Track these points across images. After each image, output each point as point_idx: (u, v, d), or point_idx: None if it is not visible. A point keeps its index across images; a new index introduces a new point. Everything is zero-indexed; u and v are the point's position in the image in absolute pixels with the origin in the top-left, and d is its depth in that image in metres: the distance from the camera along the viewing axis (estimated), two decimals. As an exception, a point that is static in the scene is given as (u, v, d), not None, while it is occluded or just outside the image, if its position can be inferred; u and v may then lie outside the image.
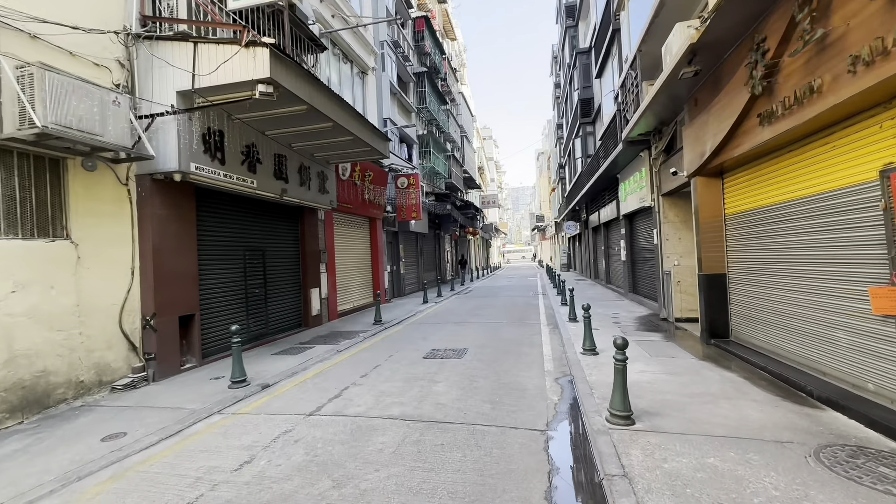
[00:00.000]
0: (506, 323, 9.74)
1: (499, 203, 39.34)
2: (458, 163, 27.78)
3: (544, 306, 12.52)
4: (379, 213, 14.21)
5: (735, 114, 5.21)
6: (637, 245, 12.29)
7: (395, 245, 16.97)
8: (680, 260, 9.02)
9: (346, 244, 12.56)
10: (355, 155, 9.63)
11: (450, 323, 10.06)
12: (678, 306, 8.67)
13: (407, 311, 12.17)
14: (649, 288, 11.20)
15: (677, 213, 9.11)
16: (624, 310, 10.72)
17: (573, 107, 20.21)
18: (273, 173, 7.91)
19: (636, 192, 10.96)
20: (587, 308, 6.46)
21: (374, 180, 13.37)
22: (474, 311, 11.95)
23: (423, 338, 8.30)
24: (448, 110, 25.99)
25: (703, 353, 6.20)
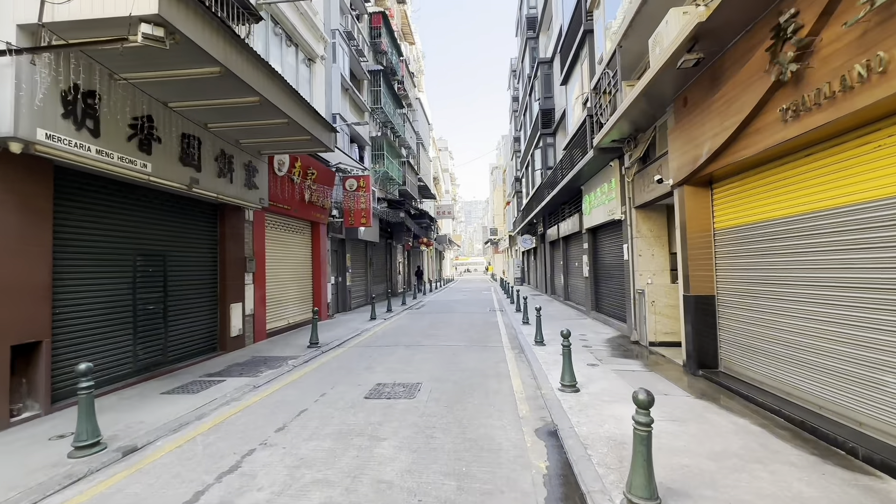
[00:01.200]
0: (465, 346, 8.51)
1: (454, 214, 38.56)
2: (414, 170, 26.59)
3: (504, 325, 11.47)
4: (323, 216, 12.58)
5: (746, 108, 4.42)
6: (601, 261, 11.65)
7: (342, 254, 15.32)
8: (653, 278, 8.32)
9: (282, 251, 10.82)
10: (293, 145, 8.09)
11: (400, 346, 8.66)
12: (653, 329, 7.92)
13: (351, 330, 10.60)
14: (615, 307, 10.52)
15: (651, 227, 8.45)
16: (590, 330, 9.91)
17: (533, 118, 19.81)
18: (179, 157, 6.21)
19: (603, 204, 10.30)
20: (567, 335, 5.39)
21: (319, 179, 11.78)
22: (428, 331, 10.63)
23: (368, 367, 6.84)
24: (404, 115, 24.82)
25: (695, 389, 5.32)
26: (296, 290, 11.56)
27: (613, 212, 9.56)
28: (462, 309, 15.85)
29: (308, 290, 12.43)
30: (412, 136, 27.00)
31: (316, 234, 12.69)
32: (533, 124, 19.33)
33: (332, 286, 14.48)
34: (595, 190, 10.95)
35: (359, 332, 10.41)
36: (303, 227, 12.06)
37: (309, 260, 12.59)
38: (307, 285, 12.36)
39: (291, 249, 11.38)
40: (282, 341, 9.19)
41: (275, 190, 9.57)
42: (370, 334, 10.34)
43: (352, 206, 13.37)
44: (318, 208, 12.16)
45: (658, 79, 5.66)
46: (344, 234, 15.11)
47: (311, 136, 7.27)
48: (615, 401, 4.83)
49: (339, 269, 15.25)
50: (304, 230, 12.22)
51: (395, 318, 13.46)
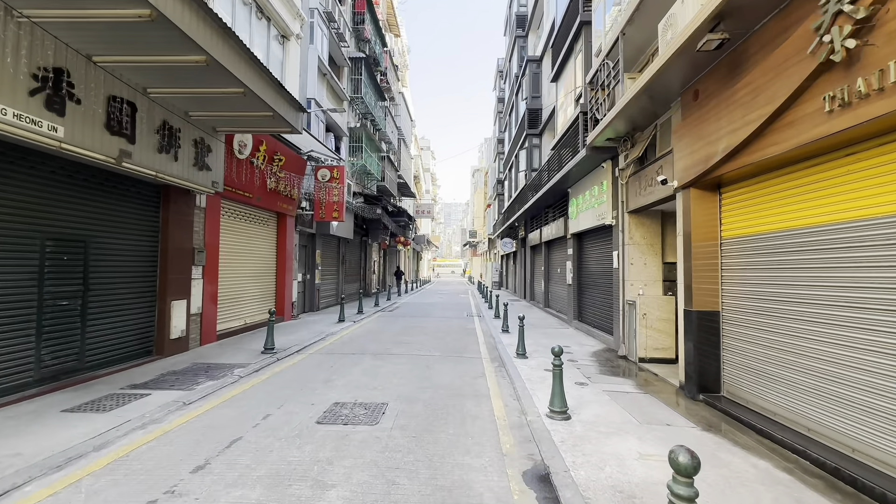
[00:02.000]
0: (439, 356, 7.69)
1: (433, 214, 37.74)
2: (394, 166, 25.65)
3: (482, 332, 10.73)
4: (290, 208, 11.53)
5: (778, 98, 3.80)
6: (586, 268, 11.08)
7: (311, 249, 14.25)
8: (644, 289, 7.74)
9: (241, 243, 9.74)
10: (253, 122, 7.10)
11: (367, 354, 7.76)
12: (643, 343, 7.32)
13: (315, 334, 9.62)
14: (600, 317, 9.93)
15: (644, 234, 7.87)
16: (573, 341, 9.27)
17: (519, 118, 19.23)
18: (105, 124, 5.16)
19: (592, 208, 9.71)
20: (558, 352, 4.65)
21: (287, 167, 10.75)
22: (400, 337, 9.76)
23: (327, 380, 5.92)
24: (386, 108, 23.86)
25: (698, 417, 4.68)
26: (256, 287, 10.48)
27: (604, 216, 8.96)
28: (438, 313, 15.03)
29: (271, 288, 11.36)
30: (393, 131, 26.06)
31: (282, 227, 11.63)
32: (519, 124, 18.75)
33: (299, 284, 13.42)
34: (584, 193, 10.36)
35: (323, 337, 9.44)
36: (267, 218, 10.98)
37: (273, 254, 11.52)
38: (270, 282, 11.28)
39: (253, 242, 10.30)
40: (234, 345, 8.13)
41: (233, 174, 8.51)
42: (335, 339, 9.38)
43: (323, 199, 12.36)
44: (285, 198, 11.12)
45: (668, 66, 5.02)
46: (314, 229, 14.06)
47: (274, 112, 6.33)
48: (613, 432, 4.12)
49: (308, 265, 14.19)
50: (269, 222, 11.15)
51: (365, 321, 12.52)
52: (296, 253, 12.62)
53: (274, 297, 11.58)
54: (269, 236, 11.25)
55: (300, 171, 11.60)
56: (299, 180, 11.49)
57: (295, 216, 12.18)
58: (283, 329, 10.20)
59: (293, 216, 12.01)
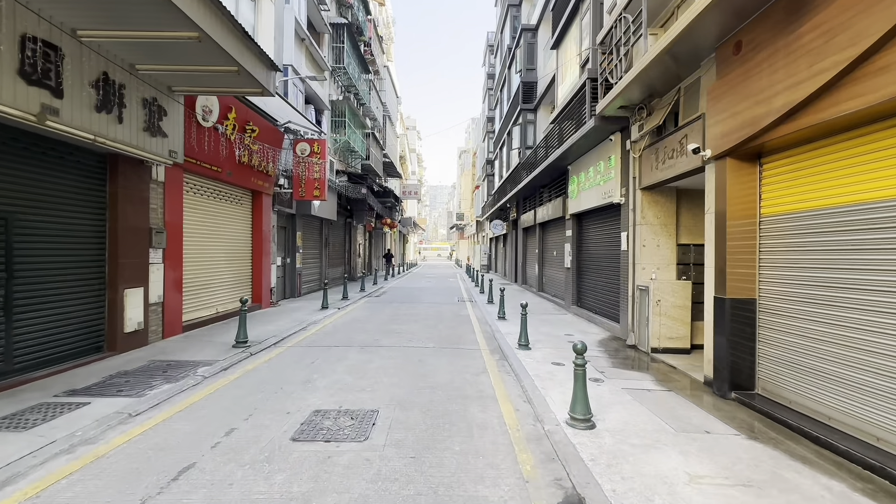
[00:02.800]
0: (434, 348, 6.96)
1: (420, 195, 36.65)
2: (379, 145, 24.44)
3: (477, 319, 10.04)
4: (266, 185, 10.50)
5: (865, 38, 3.05)
6: (587, 251, 10.42)
7: (291, 231, 13.25)
8: (657, 273, 7.11)
9: (210, 223, 8.73)
10: (216, 79, 6.06)
11: (354, 347, 6.98)
12: (656, 332, 6.71)
13: (295, 323, 8.77)
14: (603, 303, 9.33)
15: (658, 213, 7.19)
16: (575, 329, 8.66)
17: (512, 93, 18.26)
18: (18, 70, 4.12)
19: (597, 186, 8.98)
20: (581, 350, 3.92)
21: (262, 138, 9.67)
22: (389, 325, 9.00)
23: (307, 380, 5.13)
24: (370, 81, 22.52)
25: (737, 420, 4.07)
26: (229, 273, 9.52)
27: (611, 194, 8.25)
28: (428, 298, 14.29)
29: (246, 273, 10.40)
30: (378, 107, 24.75)
31: (257, 206, 10.61)
32: (512, 99, 17.79)
33: (279, 268, 12.47)
34: (587, 170, 9.60)
35: (304, 326, 8.60)
36: (240, 196, 9.94)
37: (248, 236, 10.52)
38: (245, 267, 10.32)
39: (224, 222, 9.28)
40: (202, 338, 7.24)
41: (197, 144, 7.46)
42: (318, 329, 8.56)
43: (303, 175, 11.33)
44: (260, 174, 10.07)
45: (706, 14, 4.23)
46: (294, 209, 13.03)
47: (240, 67, 5.32)
48: (649, 445, 3.46)
49: (288, 248, 13.21)
50: (243, 200, 10.11)
51: (350, 308, 11.70)
52: (274, 235, 11.63)
53: (250, 282, 10.64)
54: (244, 216, 10.23)
55: (276, 143, 10.52)
56: (275, 154, 10.43)
57: (272, 194, 11.15)
58: (260, 318, 9.31)
59: (270, 194, 10.98)
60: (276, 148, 10.47)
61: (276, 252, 12.11)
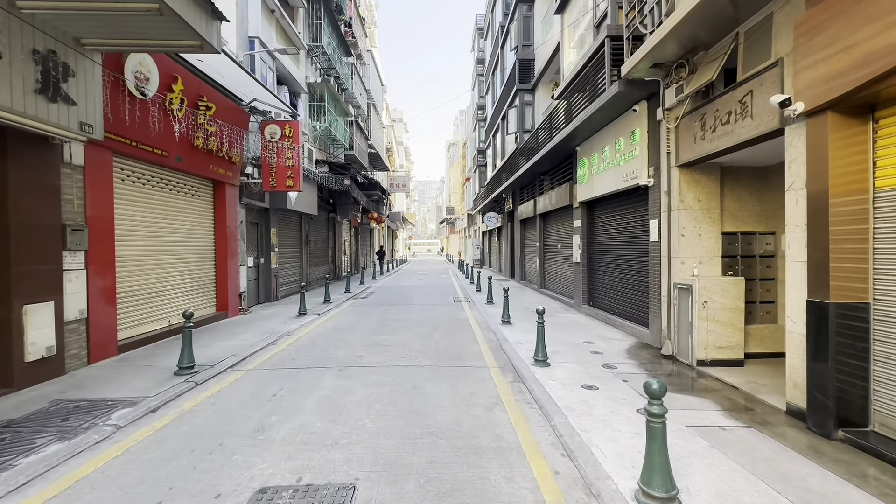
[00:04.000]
0: (430, 368, 5.63)
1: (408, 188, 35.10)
2: (364, 134, 22.89)
3: (477, 324, 8.73)
4: (231, 174, 9.00)
5: None
6: (601, 243, 9.18)
7: (264, 227, 11.76)
8: (700, 268, 5.87)
9: (157, 218, 7.24)
10: (135, 28, 4.57)
11: (331, 368, 5.61)
12: (702, 341, 5.49)
13: (264, 336, 7.35)
14: (622, 303, 8.10)
15: (699, 195, 5.94)
16: (593, 334, 7.41)
17: (507, 74, 16.89)
18: None
19: (616, 166, 7.71)
20: (659, 391, 2.61)
21: (221, 117, 8.17)
22: (376, 336, 7.64)
23: (259, 428, 3.75)
24: (353, 65, 20.95)
25: (880, 485, 2.83)
26: (186, 277, 8.04)
27: (635, 175, 6.98)
28: (420, 299, 12.95)
29: (209, 276, 8.93)
30: (362, 94, 23.17)
31: (220, 198, 9.12)
32: (506, 81, 16.43)
33: (251, 270, 11.00)
34: (601, 150, 8.32)
35: (274, 340, 7.19)
36: (197, 186, 8.45)
37: (210, 233, 9.04)
38: (206, 269, 8.84)
39: (176, 217, 7.80)
40: (141, 360, 5.80)
41: (130, 119, 5.96)
42: (291, 342, 7.16)
43: (273, 163, 9.84)
44: (221, 161, 8.58)
45: None
46: (267, 202, 11.54)
47: (161, 3, 3.87)
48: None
49: (261, 247, 11.72)
50: (202, 192, 8.61)
51: (333, 313, 10.30)
52: (243, 232, 10.16)
53: (214, 287, 9.17)
54: (203, 210, 8.73)
55: (241, 124, 9.02)
56: (240, 138, 8.93)
57: (238, 185, 9.66)
58: (223, 330, 7.88)
59: (235, 185, 9.49)
60: (241, 130, 8.97)
61: (247, 252, 10.64)
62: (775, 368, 5.37)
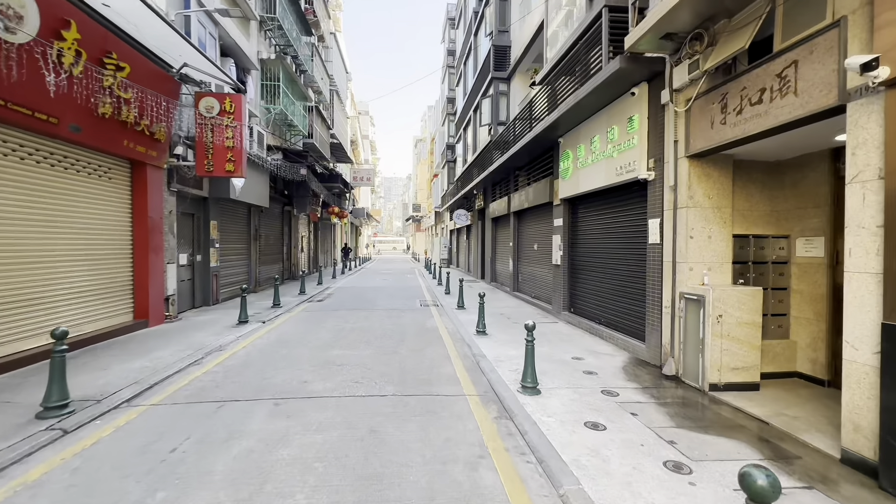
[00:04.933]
0: (394, 397, 4.49)
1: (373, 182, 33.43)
2: (326, 123, 21.25)
3: (448, 334, 7.66)
4: (155, 153, 7.41)
5: None
6: (585, 244, 8.35)
7: (202, 219, 10.13)
8: (710, 275, 5.08)
9: (43, 204, 5.65)
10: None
11: (264, 401, 4.34)
12: (715, 361, 4.68)
13: (187, 352, 5.92)
14: (610, 311, 7.28)
15: (710, 190, 5.14)
16: (581, 348, 6.54)
17: (480, 63, 15.93)
18: None
19: (607, 159, 6.86)
20: (770, 493, 1.65)
21: (139, 80, 6.60)
22: (329, 351, 6.39)
23: (129, 519, 2.50)
24: (314, 46, 19.27)
25: None
26: (83, 279, 6.44)
27: (632, 167, 6.13)
28: (384, 302, 11.72)
29: (124, 277, 7.33)
30: (324, 79, 21.50)
31: (140, 182, 7.53)
32: (480, 69, 15.46)
33: (185, 269, 9.38)
34: (590, 140, 7.46)
35: (199, 358, 5.79)
36: (106, 165, 6.84)
37: (126, 225, 7.44)
38: (121, 268, 7.24)
39: (73, 203, 6.20)
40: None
41: (-13, 66, 4.41)
42: (219, 361, 5.78)
43: (210, 142, 8.29)
44: (140, 136, 7.00)
45: None
46: (206, 190, 9.94)
47: None
48: None
49: (199, 242, 10.09)
50: (113, 173, 7.01)
51: (281, 320, 8.90)
52: (172, 224, 8.55)
53: (131, 290, 7.56)
54: (115, 196, 7.12)
55: (169, 94, 7.44)
56: (167, 110, 7.36)
57: (165, 167, 8.06)
58: (135, 345, 6.36)
59: (161, 167, 7.90)
60: (170, 100, 7.39)
61: (178, 248, 9.02)
62: (795, 394, 4.65)
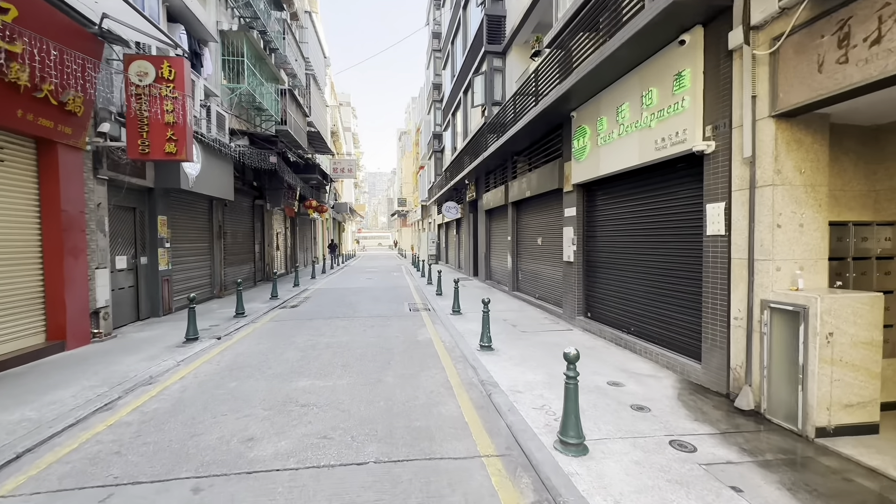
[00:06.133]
0: (376, 467, 3.07)
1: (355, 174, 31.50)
2: (302, 110, 19.45)
3: (446, 350, 6.26)
4: (68, 129, 5.74)
5: None
6: (606, 236, 7.02)
7: (147, 215, 8.46)
8: (801, 274, 3.78)
9: None
10: None
11: (180, 481, 2.87)
12: (825, 396, 3.39)
13: (99, 391, 4.37)
14: (644, 319, 5.97)
15: (801, 162, 3.83)
16: (610, 365, 5.22)
17: (471, 37, 14.43)
18: None
19: (643, 129, 5.51)
20: None
21: (38, 30, 4.94)
22: (291, 384, 4.91)
23: None
24: (286, 23, 17.47)
25: None
26: (-39, 293, 4.82)
27: (680, 138, 4.79)
28: (367, 307, 10.24)
29: (29, 288, 5.70)
30: (299, 61, 19.68)
31: (49, 167, 5.89)
32: (471, 45, 13.98)
33: (124, 274, 7.74)
34: (616, 109, 6.10)
35: (112, 401, 4.24)
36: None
37: (32, 221, 5.80)
38: (22, 277, 5.61)
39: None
40: None
41: None
42: (140, 403, 4.25)
43: (143, 116, 6.64)
44: (44, 105, 5.35)
45: None
46: (151, 180, 8.27)
47: None
48: None
49: (144, 242, 8.43)
50: (7, 153, 5.35)
51: (241, 335, 7.34)
52: (103, 220, 6.90)
53: (41, 303, 5.94)
54: (9, 184, 5.47)
55: (88, 53, 5.77)
56: (84, 73, 5.69)
57: (88, 149, 6.41)
58: (31, 379, 4.77)
59: (79, 148, 6.24)
60: (88, 60, 5.72)
61: (115, 248, 7.37)
62: (935, 438, 3.39)
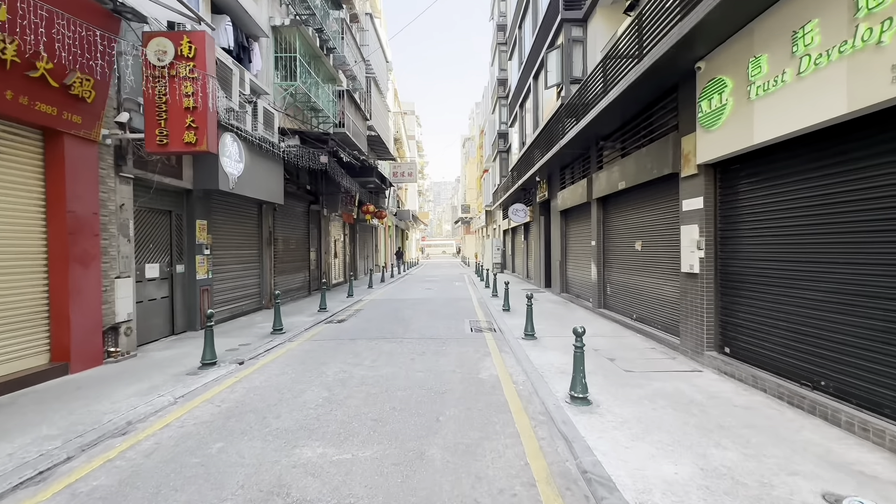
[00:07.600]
0: None
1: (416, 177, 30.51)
2: (361, 113, 18.80)
3: (521, 402, 4.43)
4: (77, 117, 4.86)
5: None
6: (757, 238, 4.76)
7: (185, 219, 7.68)
8: None
9: None
10: None
11: None
12: None
13: (48, 447, 3.18)
14: (843, 368, 3.67)
15: None
16: (802, 451, 3.04)
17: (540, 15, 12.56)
18: None
19: (857, 50, 3.31)
20: None
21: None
22: (292, 456, 3.39)
23: None
24: (345, 23, 16.87)
25: None
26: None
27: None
28: (421, 324, 8.69)
29: (33, 301, 4.89)
30: (358, 62, 19.09)
31: (55, 161, 5.09)
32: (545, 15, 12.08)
33: (154, 284, 6.95)
34: (790, 37, 3.91)
35: (51, 466, 3.00)
36: (-26, 129, 4.40)
37: (37, 223, 5.02)
38: (26, 288, 4.80)
39: None
40: None
41: None
42: (77, 478, 2.97)
43: (162, 101, 5.71)
44: (46, 89, 4.50)
45: None
46: (190, 181, 7.49)
47: None
48: None
49: (182, 248, 7.66)
50: (8, 145, 4.58)
51: (269, 358, 6.12)
52: (126, 223, 6.09)
53: (45, 318, 5.12)
54: (13, 181, 4.69)
55: (101, 26, 4.92)
56: (93, 49, 4.83)
57: (108, 142, 5.59)
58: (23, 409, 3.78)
59: (92, 140, 5.42)
60: (101, 34, 4.87)
61: (145, 255, 6.59)
62: None
